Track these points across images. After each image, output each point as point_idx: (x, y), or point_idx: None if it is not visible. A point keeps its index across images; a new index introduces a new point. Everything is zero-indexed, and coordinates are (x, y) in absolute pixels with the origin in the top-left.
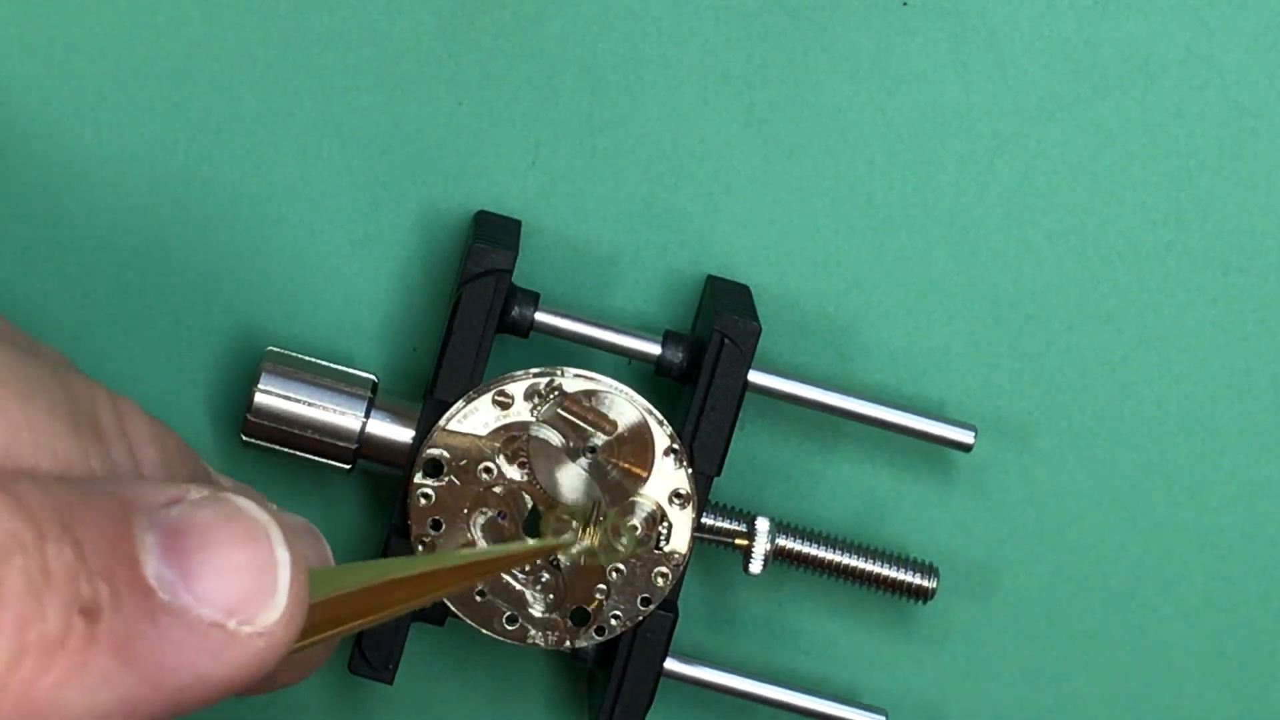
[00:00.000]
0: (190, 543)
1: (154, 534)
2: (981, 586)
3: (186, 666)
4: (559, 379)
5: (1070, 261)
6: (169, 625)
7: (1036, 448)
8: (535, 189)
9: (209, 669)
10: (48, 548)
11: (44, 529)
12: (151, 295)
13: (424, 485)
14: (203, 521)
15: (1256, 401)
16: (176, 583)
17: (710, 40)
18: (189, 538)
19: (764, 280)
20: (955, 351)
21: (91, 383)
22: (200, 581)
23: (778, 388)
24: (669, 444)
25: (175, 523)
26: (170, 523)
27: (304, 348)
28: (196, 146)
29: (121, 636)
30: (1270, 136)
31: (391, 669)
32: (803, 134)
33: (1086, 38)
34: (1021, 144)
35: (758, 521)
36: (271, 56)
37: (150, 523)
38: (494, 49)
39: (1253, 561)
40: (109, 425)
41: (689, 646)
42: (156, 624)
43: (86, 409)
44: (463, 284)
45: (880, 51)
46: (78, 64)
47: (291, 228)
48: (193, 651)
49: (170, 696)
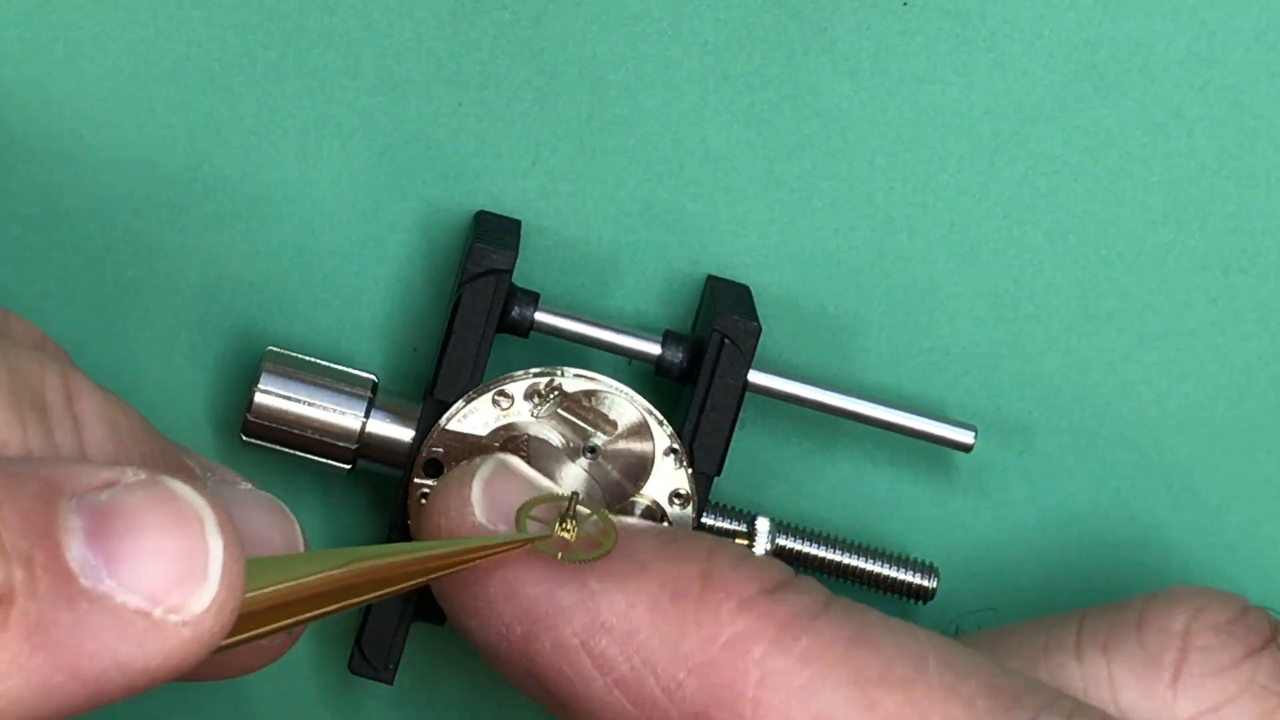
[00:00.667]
0: (116, 527)
1: (80, 517)
2: (981, 586)
3: (106, 654)
4: (559, 379)
5: (1070, 261)
6: (89, 611)
7: (1036, 448)
8: (535, 189)
9: (130, 657)
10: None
11: None
12: (151, 295)
13: (424, 485)
14: (132, 505)
15: (1256, 401)
16: (100, 568)
17: (710, 40)
18: (116, 522)
19: (764, 280)
20: (955, 351)
21: (46, 362)
22: (124, 567)
23: (778, 388)
24: (669, 444)
25: (103, 507)
26: (98, 506)
27: (304, 348)
28: (196, 146)
29: (35, 621)
30: (1270, 136)
31: (391, 669)
32: (803, 134)
33: (1086, 38)
34: (1021, 144)
35: (758, 521)
36: (271, 56)
37: (77, 506)
38: (494, 49)
39: (1253, 561)
40: (55, 404)
41: None
42: (75, 610)
43: (31, 387)
44: (463, 284)
45: (880, 51)
46: (78, 64)
47: (291, 228)
48: (113, 639)
49: (89, 685)
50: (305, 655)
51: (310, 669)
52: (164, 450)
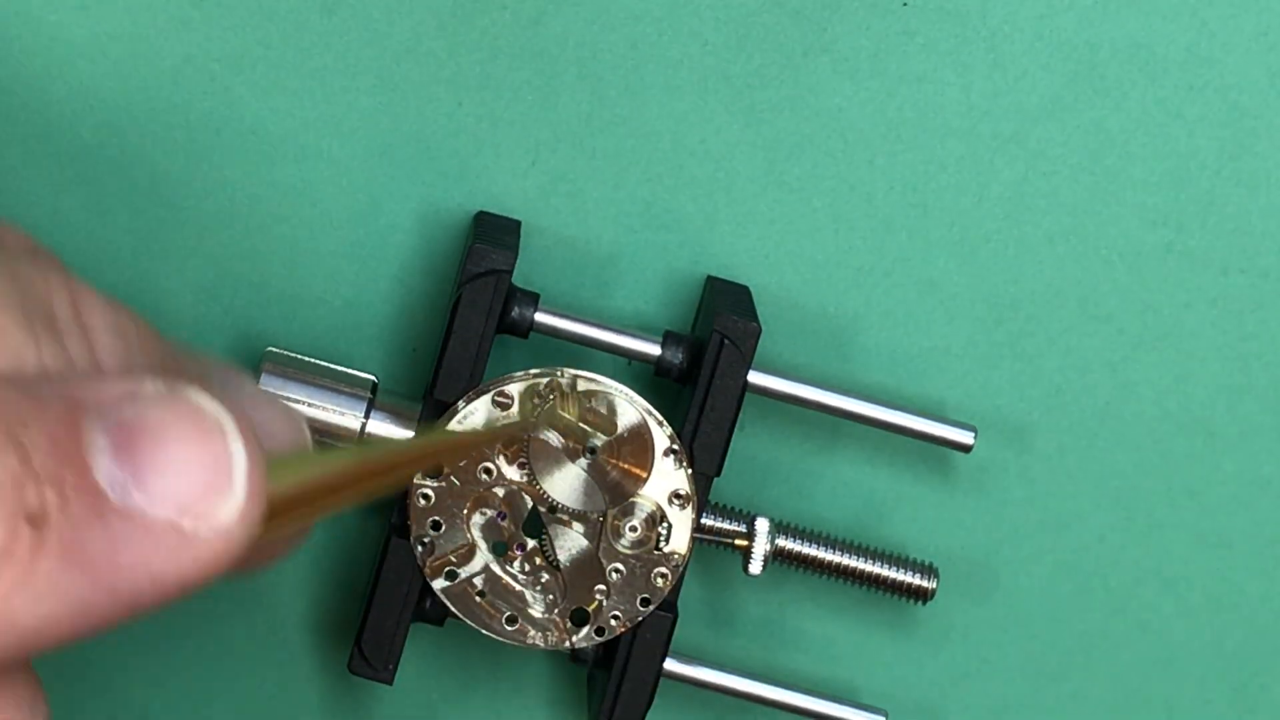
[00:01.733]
0: (142, 441)
1: (105, 433)
2: (981, 586)
3: (139, 567)
4: (559, 379)
5: (1070, 261)
6: (120, 527)
7: (1036, 448)
8: (535, 189)
9: (163, 569)
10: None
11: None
12: (152, 295)
13: (424, 485)
14: (156, 418)
15: (1256, 401)
16: (128, 483)
17: (710, 40)
18: (141, 436)
19: (764, 280)
20: (955, 351)
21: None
22: (152, 480)
23: (778, 388)
24: (669, 444)
25: (127, 421)
26: (122, 421)
27: (304, 348)
28: (197, 146)
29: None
30: (1270, 136)
31: (391, 669)
32: (803, 134)
33: (1086, 38)
34: (1021, 144)
35: (758, 522)
36: (271, 56)
37: (101, 422)
38: (494, 49)
39: (1253, 561)
40: (64, 317)
41: (689, 646)
42: (107, 526)
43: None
44: (463, 284)
45: (880, 52)
46: (78, 64)
47: (291, 228)
48: (146, 552)
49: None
50: (305, 655)
51: (310, 669)
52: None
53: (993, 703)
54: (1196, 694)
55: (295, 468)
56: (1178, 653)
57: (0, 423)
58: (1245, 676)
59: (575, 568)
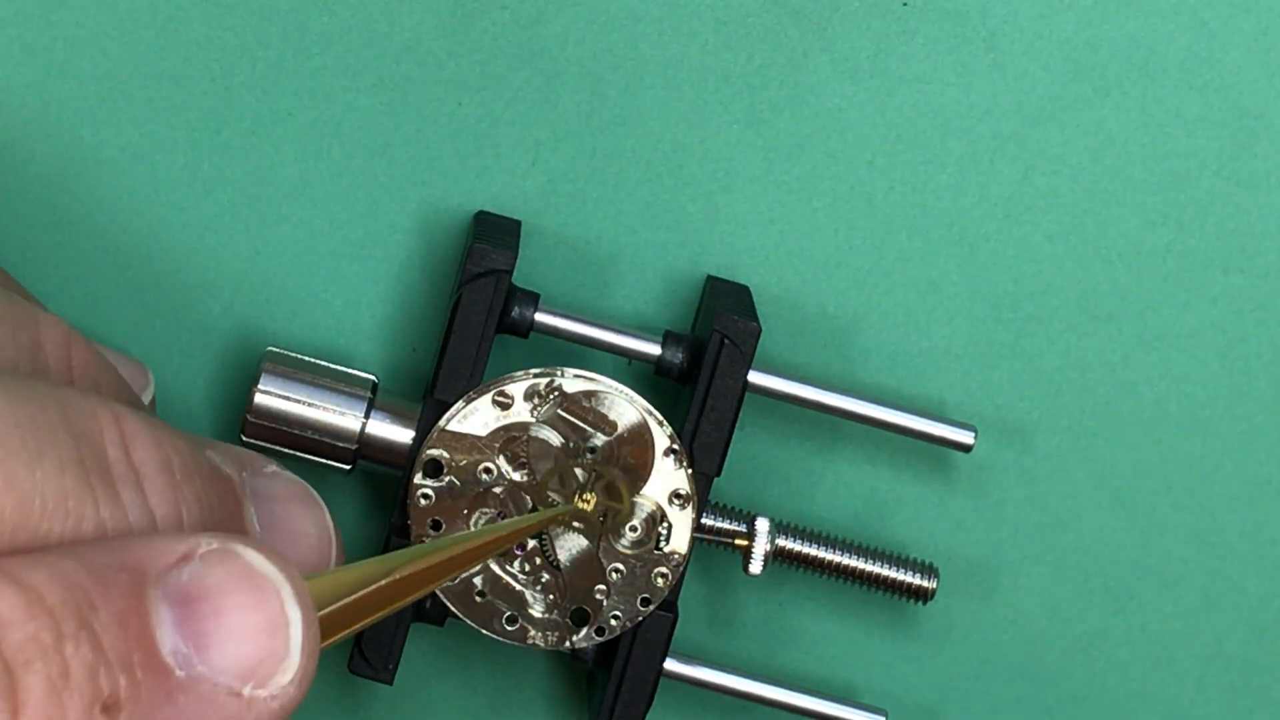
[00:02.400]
0: (203, 610)
1: (167, 604)
2: (981, 586)
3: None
4: (559, 379)
5: (1070, 261)
6: (186, 700)
7: (1036, 448)
8: (535, 189)
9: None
10: (66, 647)
11: (62, 628)
12: (151, 295)
13: (424, 485)
14: (214, 584)
15: (1256, 401)
16: (192, 656)
17: (710, 40)
18: (201, 604)
19: (764, 280)
20: (955, 351)
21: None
22: (214, 651)
23: (778, 388)
24: (669, 444)
25: (187, 588)
26: (182, 590)
27: (304, 348)
28: (196, 146)
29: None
30: (1270, 136)
31: (391, 669)
32: (803, 134)
33: (1086, 38)
34: (1021, 144)
35: (758, 522)
36: (271, 56)
37: (163, 592)
38: (494, 49)
39: (1253, 561)
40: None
41: (689, 646)
42: (174, 703)
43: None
44: (463, 284)
45: (880, 52)
46: (78, 64)
47: (291, 228)
48: None
49: None
50: None
51: None
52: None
53: (993, 703)
54: (1196, 694)
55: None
56: (1178, 653)
57: (72, 610)
58: (1245, 676)
59: (575, 568)
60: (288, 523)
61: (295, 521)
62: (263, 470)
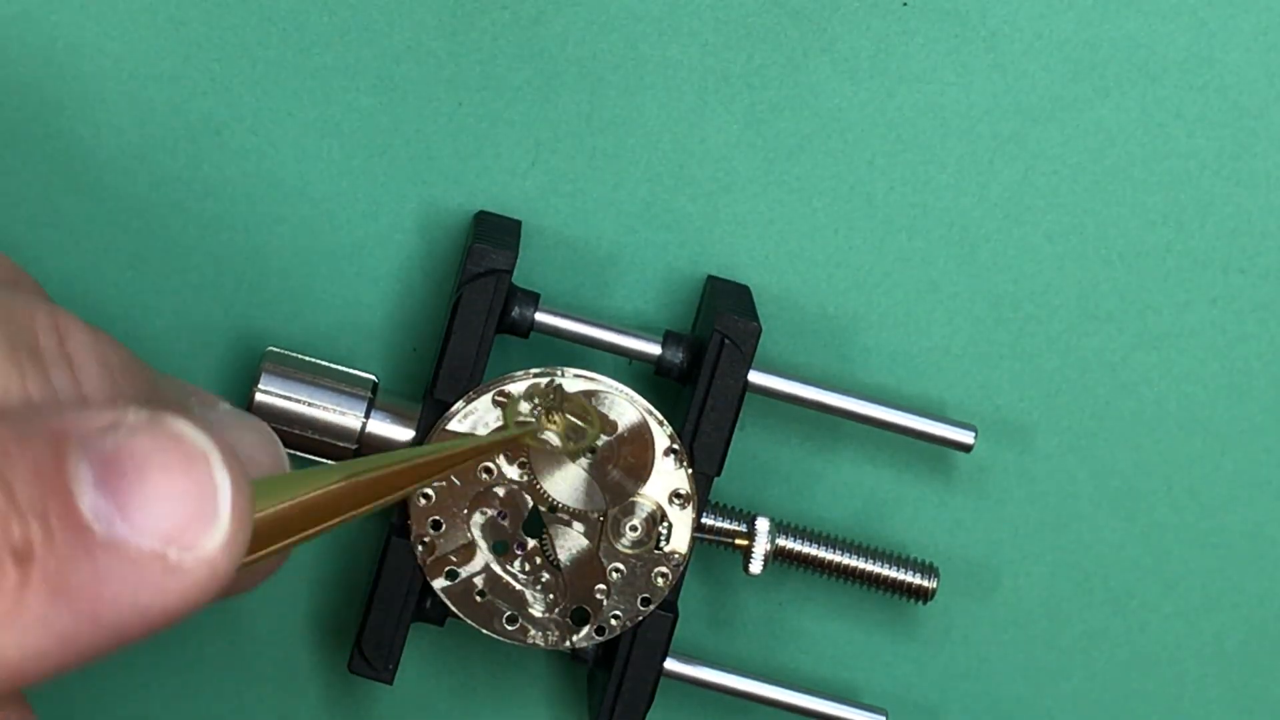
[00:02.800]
0: (126, 471)
1: (89, 465)
2: (981, 586)
3: (125, 599)
4: (559, 379)
5: (1070, 261)
6: (106, 559)
7: (1036, 448)
8: (535, 189)
9: (149, 600)
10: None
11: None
12: (151, 295)
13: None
14: (139, 448)
15: (1256, 401)
16: (113, 514)
17: (710, 40)
18: (125, 466)
19: (764, 280)
20: (955, 351)
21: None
22: (137, 512)
23: (778, 388)
24: (669, 444)
25: (111, 452)
26: (106, 452)
27: (304, 348)
28: (196, 146)
29: (55, 575)
30: (1270, 136)
31: (391, 669)
32: (803, 134)
33: (1086, 38)
34: (1021, 144)
35: (758, 521)
36: (271, 56)
37: (85, 453)
38: (494, 49)
39: (1253, 561)
40: (49, 346)
41: (689, 646)
42: (93, 559)
43: (24, 332)
44: (463, 284)
45: (880, 52)
46: (78, 64)
47: (291, 228)
48: (132, 584)
49: (111, 630)
50: (305, 655)
51: (310, 669)
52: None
53: (993, 703)
54: (1196, 694)
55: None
56: (1178, 653)
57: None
58: (1245, 676)
59: (575, 567)
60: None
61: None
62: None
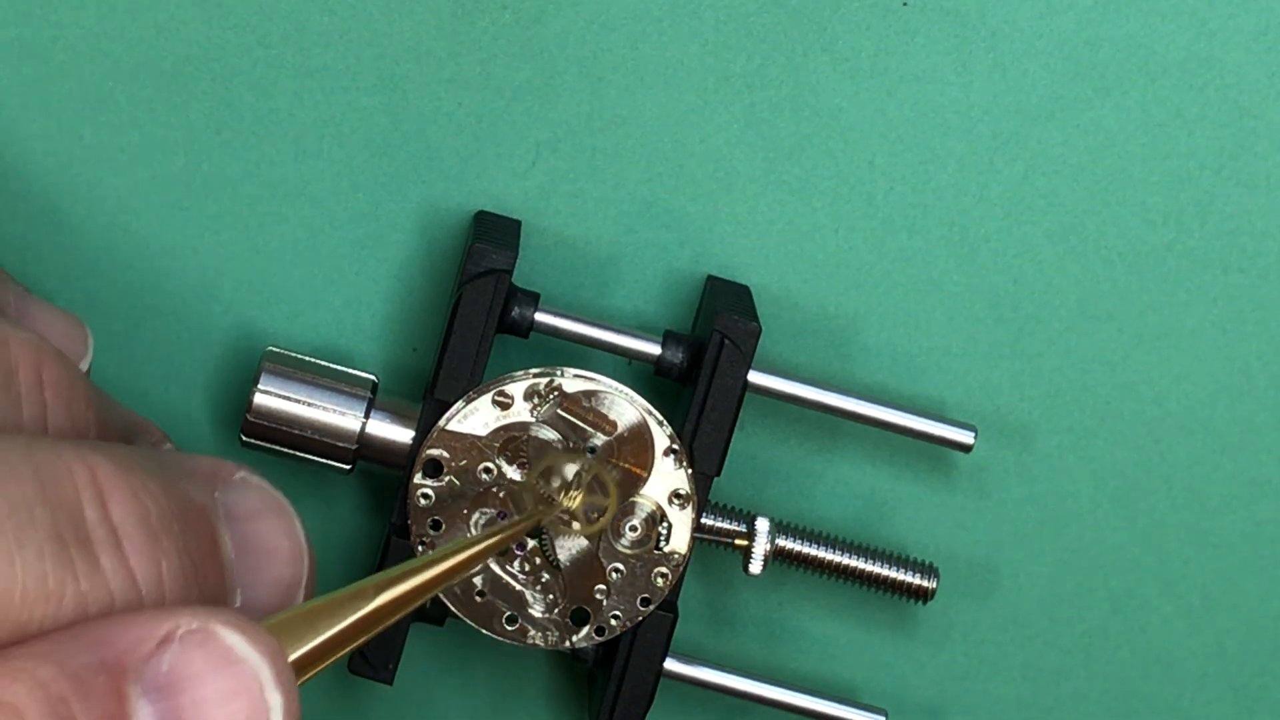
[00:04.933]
0: (183, 703)
1: (147, 699)
2: (981, 586)
3: None
4: (559, 379)
5: (1070, 261)
6: None
7: (1036, 448)
8: (535, 189)
9: None
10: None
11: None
12: (151, 295)
13: (424, 485)
14: (194, 673)
15: (1256, 401)
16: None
17: (710, 40)
18: (181, 697)
19: (764, 280)
20: (955, 351)
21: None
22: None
23: (778, 388)
24: (669, 444)
25: (167, 679)
26: (162, 680)
27: (304, 348)
28: (196, 146)
29: None
30: (1270, 136)
31: (391, 669)
32: (803, 134)
33: (1086, 38)
34: (1021, 144)
35: (758, 521)
36: (271, 56)
37: (143, 687)
38: (494, 49)
39: (1253, 561)
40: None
41: (689, 646)
42: None
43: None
44: (463, 284)
45: (880, 51)
46: (77, 64)
47: (291, 228)
48: None
49: None
50: None
51: None
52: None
53: (993, 703)
54: (1196, 694)
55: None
56: (1178, 653)
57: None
58: (1245, 676)
59: (575, 568)
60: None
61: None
62: (232, 479)
